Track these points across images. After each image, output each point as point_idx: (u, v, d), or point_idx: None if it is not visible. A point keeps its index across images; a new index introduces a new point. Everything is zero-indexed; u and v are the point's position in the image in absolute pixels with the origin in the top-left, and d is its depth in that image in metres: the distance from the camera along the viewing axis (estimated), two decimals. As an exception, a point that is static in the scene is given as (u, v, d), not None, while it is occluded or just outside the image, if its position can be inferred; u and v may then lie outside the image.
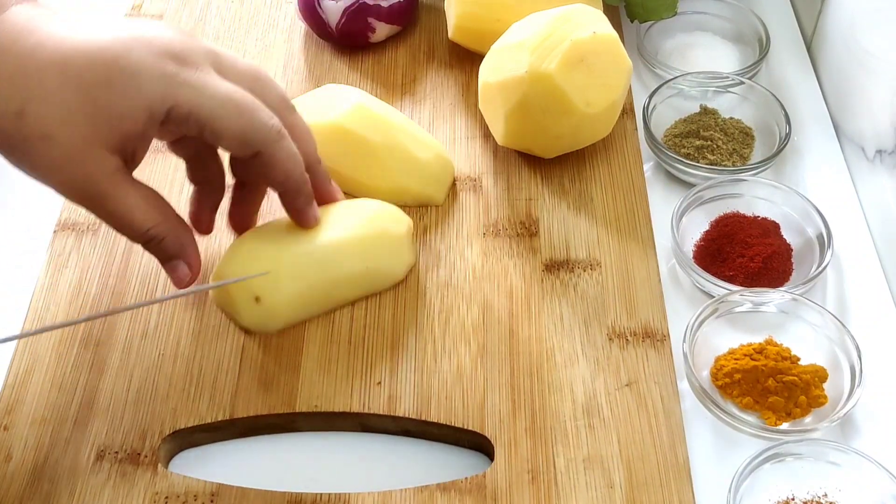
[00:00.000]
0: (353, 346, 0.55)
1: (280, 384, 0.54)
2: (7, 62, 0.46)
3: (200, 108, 0.47)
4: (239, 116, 0.49)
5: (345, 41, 0.73)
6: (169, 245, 0.51)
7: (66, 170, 0.47)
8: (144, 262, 0.59)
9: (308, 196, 0.54)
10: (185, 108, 0.47)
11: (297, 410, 0.53)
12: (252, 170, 0.52)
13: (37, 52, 0.46)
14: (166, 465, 0.52)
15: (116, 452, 0.51)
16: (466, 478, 0.50)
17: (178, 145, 0.55)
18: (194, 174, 0.57)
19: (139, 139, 0.49)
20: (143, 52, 0.47)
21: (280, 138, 0.50)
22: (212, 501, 0.49)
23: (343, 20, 0.71)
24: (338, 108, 0.61)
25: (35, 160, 0.47)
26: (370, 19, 0.71)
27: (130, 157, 0.49)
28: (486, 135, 0.67)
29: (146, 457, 0.51)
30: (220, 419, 0.52)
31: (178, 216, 0.52)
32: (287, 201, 0.54)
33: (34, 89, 0.45)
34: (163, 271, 0.53)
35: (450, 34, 0.71)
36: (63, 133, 0.46)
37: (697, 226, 0.62)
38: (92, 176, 0.47)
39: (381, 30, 0.72)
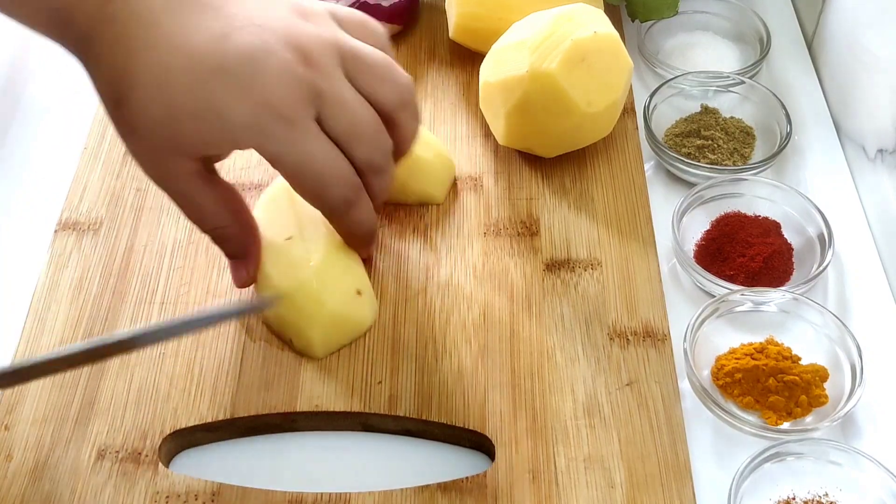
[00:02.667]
0: (354, 345, 0.55)
1: (280, 384, 0.54)
2: (119, 51, 0.46)
3: (278, 163, 0.48)
4: (301, 187, 0.50)
5: (345, 40, 0.73)
6: (232, 246, 0.53)
7: (146, 163, 0.49)
8: (145, 261, 0.59)
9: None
10: (266, 156, 0.48)
11: (297, 410, 0.53)
12: None
13: (144, 55, 0.46)
14: (167, 464, 0.52)
15: (117, 452, 0.51)
16: (467, 477, 0.50)
17: None
18: None
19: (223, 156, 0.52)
20: (243, 96, 0.46)
21: (342, 214, 0.52)
22: (212, 501, 0.49)
23: (344, 19, 0.71)
24: (338, 108, 0.61)
25: (126, 143, 0.49)
26: (371, 19, 0.71)
27: (215, 156, 0.52)
28: (487, 134, 0.67)
29: (147, 456, 0.51)
30: (220, 419, 0.52)
31: (250, 221, 0.54)
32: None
33: (131, 91, 0.46)
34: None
35: (450, 34, 0.71)
36: (147, 137, 0.47)
37: (698, 225, 0.62)
38: (169, 174, 0.49)
39: (382, 29, 0.72)
